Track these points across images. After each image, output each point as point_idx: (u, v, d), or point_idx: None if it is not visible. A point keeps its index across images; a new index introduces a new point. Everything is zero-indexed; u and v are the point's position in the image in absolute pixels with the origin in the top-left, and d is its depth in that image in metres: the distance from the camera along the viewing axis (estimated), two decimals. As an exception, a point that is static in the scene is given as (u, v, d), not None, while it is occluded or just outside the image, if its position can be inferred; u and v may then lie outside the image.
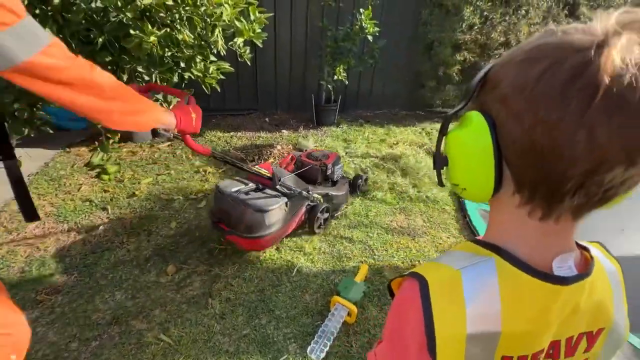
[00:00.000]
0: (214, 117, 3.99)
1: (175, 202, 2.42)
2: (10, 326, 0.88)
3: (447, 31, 3.81)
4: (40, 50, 0.62)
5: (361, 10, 3.28)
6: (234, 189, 1.80)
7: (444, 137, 0.45)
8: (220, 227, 1.78)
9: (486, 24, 3.75)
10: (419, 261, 2.05)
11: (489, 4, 3.62)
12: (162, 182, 2.65)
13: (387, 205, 2.57)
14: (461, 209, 2.64)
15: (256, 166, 1.87)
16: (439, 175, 0.47)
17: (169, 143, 3.26)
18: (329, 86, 3.69)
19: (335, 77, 3.53)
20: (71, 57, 0.70)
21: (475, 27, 3.73)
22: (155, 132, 1.19)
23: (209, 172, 2.83)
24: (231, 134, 3.65)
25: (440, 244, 2.23)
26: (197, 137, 3.41)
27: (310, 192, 1.98)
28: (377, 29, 3.38)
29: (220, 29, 1.67)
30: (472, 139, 0.41)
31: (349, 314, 1.59)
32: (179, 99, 1.23)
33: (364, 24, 3.29)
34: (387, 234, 2.26)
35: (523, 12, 3.76)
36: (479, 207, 2.64)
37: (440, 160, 0.46)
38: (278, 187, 1.85)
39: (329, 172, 2.28)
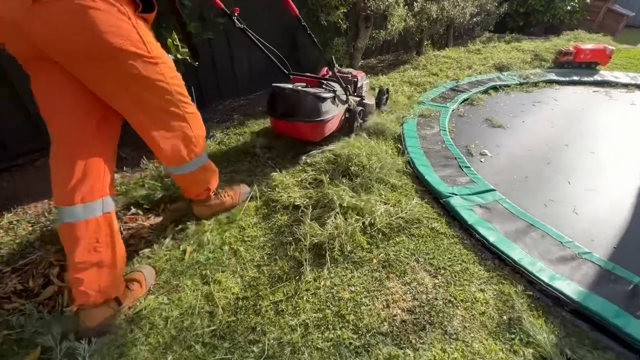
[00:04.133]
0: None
1: None
2: None
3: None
4: None
5: None
6: (290, 86, 2.13)
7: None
8: (285, 118, 2.08)
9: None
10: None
11: None
12: None
13: (360, 266, 1.38)
14: (458, 221, 1.68)
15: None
16: None
17: None
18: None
19: (171, 55, 1.95)
20: None
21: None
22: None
23: None
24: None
25: (492, 318, 1.22)
26: None
27: (351, 98, 2.35)
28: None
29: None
30: None
31: None
32: None
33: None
34: (397, 346, 1.10)
35: None
36: (472, 204, 1.74)
37: None
38: (325, 84, 2.20)
39: (359, 84, 2.52)
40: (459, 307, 1.23)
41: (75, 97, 1.05)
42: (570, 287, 1.27)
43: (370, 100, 2.66)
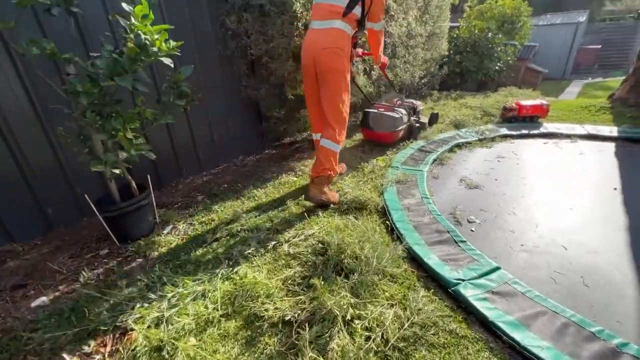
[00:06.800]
0: None
1: None
2: None
3: (278, 38, 2.63)
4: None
5: (126, 7, 1.56)
6: (375, 110, 3.60)
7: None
8: (372, 129, 3.61)
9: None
10: None
11: (319, -6, 2.67)
12: None
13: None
14: (474, 314, 1.47)
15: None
16: None
17: None
18: (117, 172, 1.78)
19: (124, 154, 1.67)
20: None
21: (313, 27, 2.72)
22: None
23: None
24: None
25: None
26: None
27: (412, 118, 3.88)
28: (174, 43, 1.76)
29: None
30: None
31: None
32: None
33: (143, 36, 1.60)
34: None
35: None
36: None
37: None
38: (396, 109, 3.63)
39: (418, 109, 4.07)
40: None
41: (316, 90, 2.37)
42: (631, 401, 1.07)
43: (424, 119, 4.12)
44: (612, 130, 3.97)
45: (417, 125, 3.91)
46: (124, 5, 1.53)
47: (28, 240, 2.15)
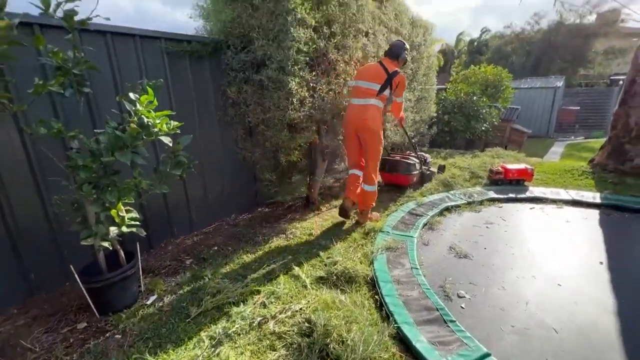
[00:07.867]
0: None
1: None
2: None
3: (274, 110, 2.82)
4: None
5: (132, 97, 1.70)
6: (392, 158, 4.52)
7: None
8: (390, 172, 4.45)
9: (315, 97, 3.03)
10: None
11: (313, 74, 2.93)
12: None
13: None
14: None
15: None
16: None
17: None
18: (106, 244, 1.79)
19: (115, 230, 1.71)
20: None
21: (307, 102, 2.93)
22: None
23: None
24: None
25: None
26: None
27: (423, 167, 4.67)
28: (175, 123, 1.88)
29: None
30: None
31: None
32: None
33: (146, 119, 1.72)
34: None
35: (342, 80, 3.33)
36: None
37: None
38: (410, 157, 4.54)
39: (427, 160, 4.88)
40: None
41: (357, 145, 3.19)
42: None
43: (434, 169, 4.92)
44: (595, 197, 4.11)
45: (428, 172, 4.65)
46: (131, 94, 1.67)
47: (5, 308, 2.07)
